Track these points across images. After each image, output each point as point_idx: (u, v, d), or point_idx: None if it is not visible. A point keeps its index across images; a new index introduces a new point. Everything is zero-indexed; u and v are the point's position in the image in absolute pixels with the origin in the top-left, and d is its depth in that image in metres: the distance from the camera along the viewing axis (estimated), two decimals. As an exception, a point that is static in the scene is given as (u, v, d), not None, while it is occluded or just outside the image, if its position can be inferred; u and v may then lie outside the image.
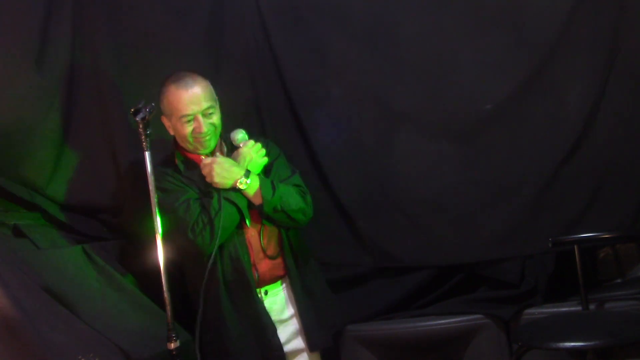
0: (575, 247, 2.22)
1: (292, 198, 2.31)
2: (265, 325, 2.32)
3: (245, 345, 2.31)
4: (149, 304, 2.48)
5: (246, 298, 2.33)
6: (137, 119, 2.15)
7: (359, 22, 2.69)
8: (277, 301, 2.40)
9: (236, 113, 2.61)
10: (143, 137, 2.16)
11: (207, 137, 2.33)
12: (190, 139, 2.33)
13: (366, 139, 2.71)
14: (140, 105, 2.17)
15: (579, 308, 2.19)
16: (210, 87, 2.36)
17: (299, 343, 2.40)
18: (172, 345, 2.08)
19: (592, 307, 2.23)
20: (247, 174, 2.28)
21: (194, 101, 2.28)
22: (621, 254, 2.52)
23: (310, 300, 2.40)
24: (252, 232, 2.37)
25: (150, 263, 2.63)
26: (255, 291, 2.34)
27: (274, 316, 2.39)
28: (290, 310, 2.41)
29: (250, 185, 2.27)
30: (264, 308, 2.35)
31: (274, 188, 2.29)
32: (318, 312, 2.41)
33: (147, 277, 2.61)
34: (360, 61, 2.69)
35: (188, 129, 2.30)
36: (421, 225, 2.62)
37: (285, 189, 2.32)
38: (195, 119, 2.29)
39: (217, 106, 2.37)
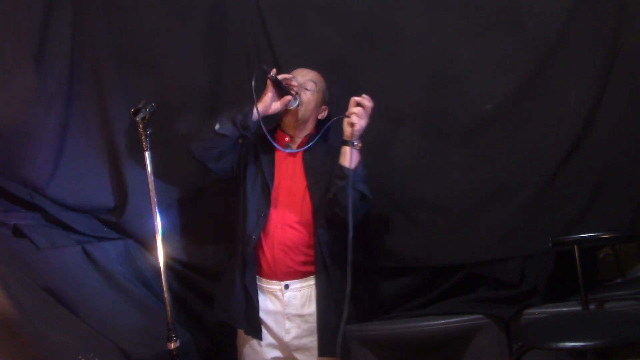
0: (575, 247, 2.22)
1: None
2: (253, 316, 2.44)
3: (235, 317, 2.46)
4: (149, 304, 2.49)
5: (252, 278, 2.45)
6: (137, 119, 2.15)
7: (359, 22, 2.68)
8: (298, 297, 2.46)
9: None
10: (143, 137, 2.17)
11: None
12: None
13: (366, 139, 2.70)
14: (140, 105, 2.18)
15: (579, 308, 2.19)
16: (325, 86, 2.57)
17: (309, 341, 2.45)
18: (172, 345, 2.09)
19: (592, 307, 2.23)
20: None
21: (303, 70, 2.54)
22: (621, 253, 2.52)
23: (333, 305, 2.41)
24: (279, 220, 2.45)
25: (151, 263, 2.65)
26: (253, 276, 2.44)
27: (293, 310, 2.46)
28: (311, 308, 2.46)
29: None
30: (256, 297, 2.44)
31: None
32: (337, 319, 2.39)
33: (147, 277, 2.62)
34: (360, 61, 2.69)
35: (285, 81, 2.42)
36: (421, 225, 2.61)
37: None
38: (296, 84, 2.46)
39: (318, 96, 2.52)
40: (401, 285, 2.67)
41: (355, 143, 2.34)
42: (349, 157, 2.31)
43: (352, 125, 2.32)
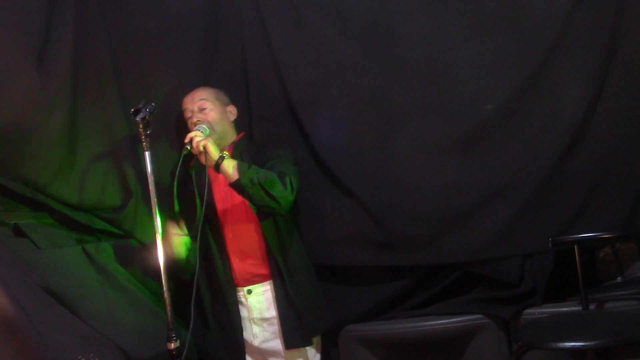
0: (575, 247, 2.22)
1: (270, 175, 2.32)
2: (234, 324, 2.46)
3: (215, 338, 2.47)
4: (149, 304, 2.49)
5: (222, 294, 2.47)
6: (137, 119, 2.16)
7: (359, 22, 2.68)
8: (261, 300, 2.48)
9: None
10: (143, 137, 2.17)
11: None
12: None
13: (366, 139, 2.71)
14: (140, 105, 2.18)
15: (579, 308, 2.19)
16: (216, 91, 2.60)
17: (276, 344, 2.47)
18: (172, 345, 2.09)
19: (592, 307, 2.23)
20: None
21: (190, 97, 2.56)
22: (621, 253, 2.52)
23: (293, 303, 2.44)
24: (229, 232, 2.48)
25: (151, 263, 2.64)
26: (232, 289, 2.46)
27: (258, 314, 2.48)
28: (274, 311, 2.47)
29: (228, 161, 2.34)
30: (236, 307, 2.46)
31: (250, 165, 2.36)
32: (300, 315, 2.44)
33: (147, 277, 2.62)
34: (360, 61, 2.69)
35: (188, 122, 2.53)
36: (420, 224, 2.62)
37: (263, 170, 2.36)
38: (193, 114, 2.52)
39: (217, 105, 2.55)
40: (399, 284, 2.68)
41: (224, 155, 2.34)
42: (231, 171, 2.32)
43: (204, 149, 2.32)
